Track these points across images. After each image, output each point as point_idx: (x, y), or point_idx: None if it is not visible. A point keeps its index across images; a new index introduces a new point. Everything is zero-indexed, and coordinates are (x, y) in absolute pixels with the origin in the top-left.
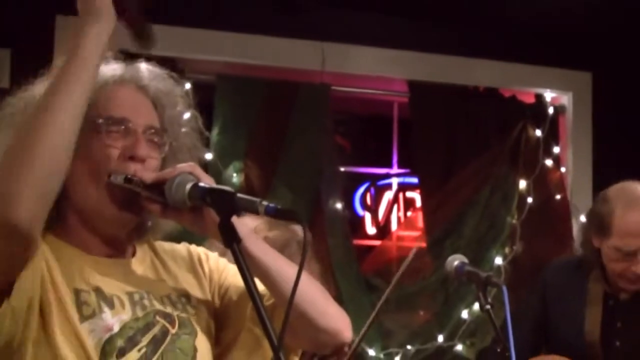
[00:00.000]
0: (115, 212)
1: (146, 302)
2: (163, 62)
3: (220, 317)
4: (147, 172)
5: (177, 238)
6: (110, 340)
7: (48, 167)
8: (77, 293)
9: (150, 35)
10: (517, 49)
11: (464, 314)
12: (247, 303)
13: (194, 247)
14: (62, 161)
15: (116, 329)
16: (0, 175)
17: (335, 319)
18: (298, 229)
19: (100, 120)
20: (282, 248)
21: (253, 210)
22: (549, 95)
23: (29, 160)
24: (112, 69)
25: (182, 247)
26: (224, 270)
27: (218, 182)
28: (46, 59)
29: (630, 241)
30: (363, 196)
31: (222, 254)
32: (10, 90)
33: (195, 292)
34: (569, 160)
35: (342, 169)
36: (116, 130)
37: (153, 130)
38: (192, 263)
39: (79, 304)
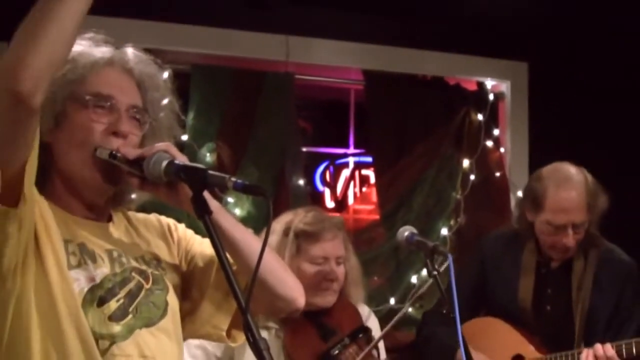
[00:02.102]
0: (98, 181)
1: (123, 259)
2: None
3: (186, 281)
4: (130, 149)
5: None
6: (92, 290)
7: (53, 42)
8: (65, 242)
9: None
10: (461, 42)
11: (414, 279)
12: (211, 269)
13: (163, 218)
14: (66, 40)
15: (98, 280)
16: (14, 46)
17: (292, 288)
18: (332, 216)
19: (88, 97)
20: (318, 222)
21: (223, 185)
22: (489, 83)
23: (37, 35)
24: (101, 51)
25: (153, 217)
26: (190, 238)
27: (193, 161)
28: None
29: (561, 216)
30: (323, 173)
31: None
32: None
33: (165, 256)
34: (508, 142)
35: (304, 149)
36: (102, 106)
37: (136, 109)
38: (162, 230)
39: (68, 253)
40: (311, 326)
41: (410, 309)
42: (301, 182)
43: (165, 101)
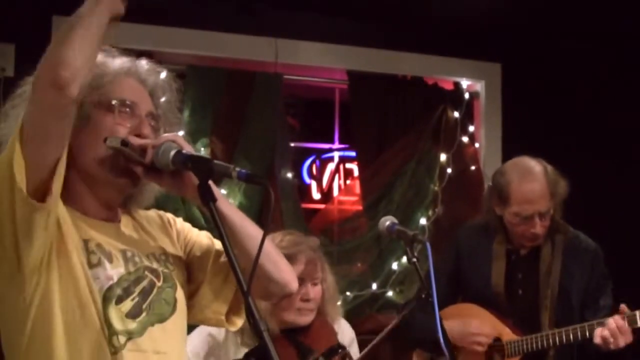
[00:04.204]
0: (112, 177)
1: (137, 259)
2: (142, 55)
3: (187, 269)
4: (138, 138)
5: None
6: (110, 289)
7: (88, 42)
8: (85, 242)
9: None
10: (438, 44)
11: (394, 266)
12: (208, 258)
13: (162, 212)
14: (95, 41)
15: (115, 279)
16: (57, 41)
17: (285, 272)
18: (308, 238)
19: (115, 102)
20: (294, 246)
21: (227, 174)
22: (465, 82)
23: (74, 35)
24: (120, 62)
25: (153, 213)
26: (188, 231)
27: None
28: (45, 52)
29: (526, 207)
30: (310, 167)
31: None
32: (15, 79)
33: (170, 249)
34: (482, 137)
35: (292, 144)
36: (125, 111)
37: (152, 116)
38: (163, 225)
39: (88, 252)
40: (289, 345)
41: (390, 293)
42: (289, 175)
43: (173, 105)
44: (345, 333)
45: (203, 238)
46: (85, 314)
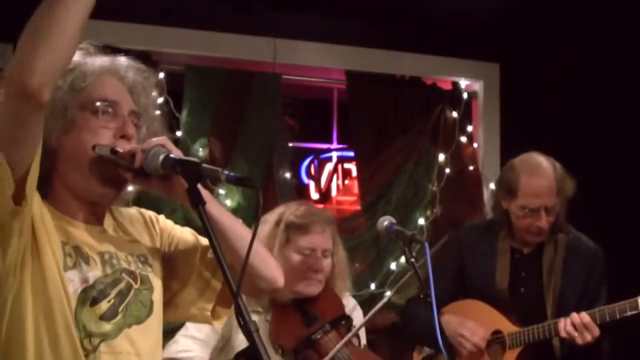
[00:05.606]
0: (99, 187)
1: (114, 261)
2: (140, 55)
3: (170, 267)
4: (127, 145)
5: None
6: (85, 291)
7: (58, 43)
8: (63, 244)
9: None
10: (437, 44)
11: (393, 266)
12: (194, 256)
13: (144, 210)
14: (70, 41)
15: (91, 281)
16: (21, 46)
17: (273, 269)
18: (323, 210)
19: (98, 103)
20: (308, 216)
21: (216, 178)
22: (463, 82)
23: (43, 36)
24: (99, 61)
25: (135, 211)
26: (171, 229)
27: (186, 155)
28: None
29: (534, 200)
30: (308, 167)
31: None
32: None
33: (150, 249)
34: (480, 138)
35: (290, 145)
36: (108, 111)
37: (134, 115)
38: (145, 223)
39: (64, 254)
40: (296, 312)
41: (389, 293)
42: (288, 175)
43: (155, 104)
44: (350, 307)
45: (187, 235)
46: (57, 316)
